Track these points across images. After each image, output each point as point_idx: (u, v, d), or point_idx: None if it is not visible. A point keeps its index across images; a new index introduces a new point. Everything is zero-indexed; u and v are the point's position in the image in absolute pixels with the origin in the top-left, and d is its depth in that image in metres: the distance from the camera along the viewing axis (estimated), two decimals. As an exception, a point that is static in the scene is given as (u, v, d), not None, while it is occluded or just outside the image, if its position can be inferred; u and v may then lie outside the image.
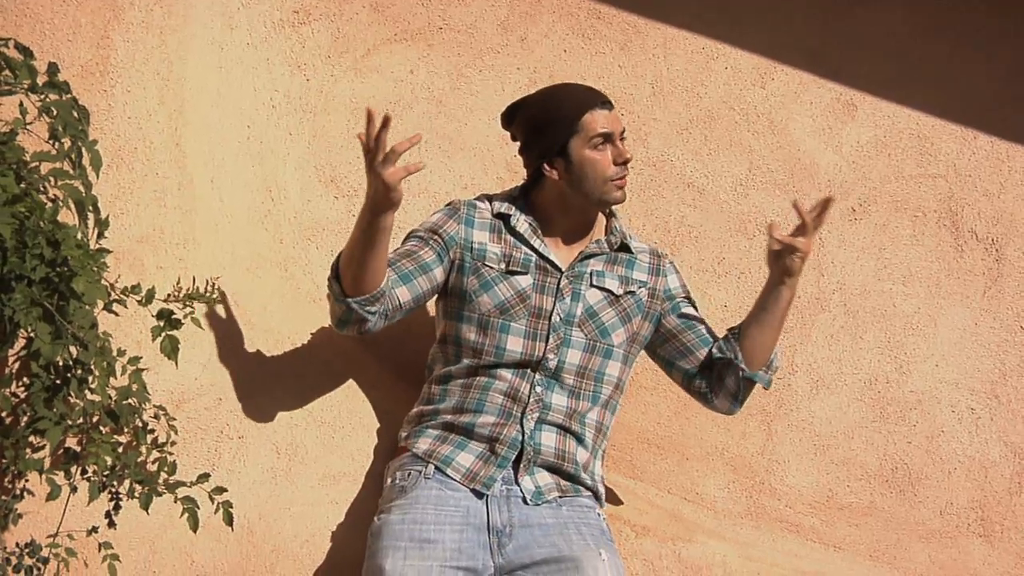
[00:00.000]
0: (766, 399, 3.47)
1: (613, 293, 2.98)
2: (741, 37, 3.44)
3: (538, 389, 2.90)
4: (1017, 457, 3.51)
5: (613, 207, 3.02)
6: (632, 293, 3.00)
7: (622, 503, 3.29)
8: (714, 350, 3.01)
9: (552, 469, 2.91)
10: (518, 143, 3.00)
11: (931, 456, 3.50)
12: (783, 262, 2.86)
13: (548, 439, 2.90)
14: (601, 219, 3.05)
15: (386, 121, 2.54)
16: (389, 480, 2.94)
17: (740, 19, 3.44)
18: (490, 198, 3.01)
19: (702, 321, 3.06)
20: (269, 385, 3.07)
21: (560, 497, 2.90)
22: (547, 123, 2.89)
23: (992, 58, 3.50)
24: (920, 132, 3.49)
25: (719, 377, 3.01)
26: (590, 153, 2.87)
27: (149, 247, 2.94)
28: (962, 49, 3.50)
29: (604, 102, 2.89)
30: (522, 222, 2.96)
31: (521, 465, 2.88)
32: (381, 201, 2.63)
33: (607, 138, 2.87)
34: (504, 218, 2.97)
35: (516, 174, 3.38)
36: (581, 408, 2.94)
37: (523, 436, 2.88)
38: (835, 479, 3.49)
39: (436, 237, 2.93)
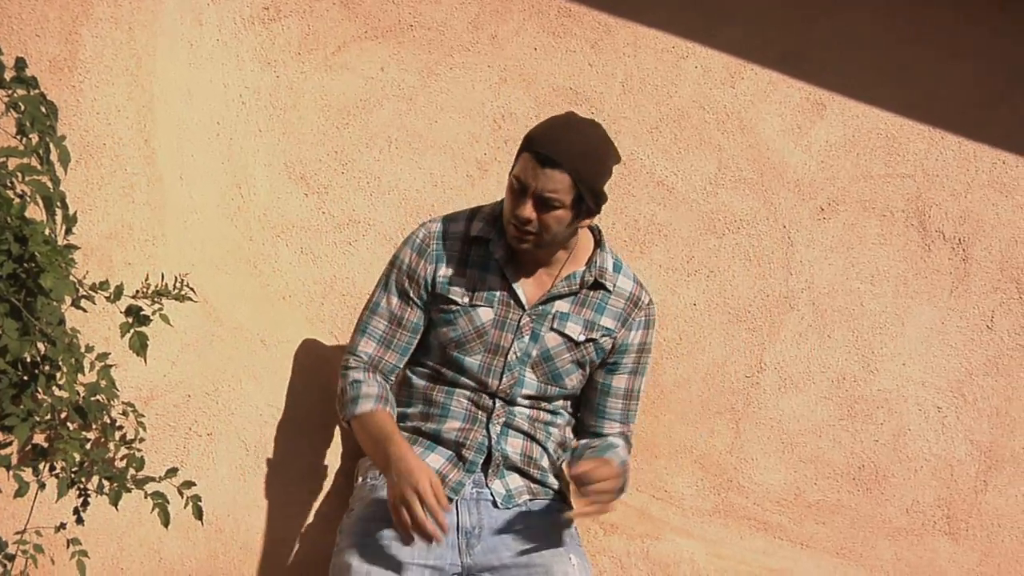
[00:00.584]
0: (734, 397, 3.49)
1: (573, 340, 2.90)
2: (711, 36, 3.45)
3: (501, 400, 2.89)
4: (982, 455, 3.54)
5: (601, 236, 2.96)
6: (594, 341, 2.92)
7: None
8: (582, 439, 3.01)
9: (521, 472, 2.91)
10: None
11: (898, 454, 3.52)
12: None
13: (515, 444, 2.90)
14: (586, 246, 2.94)
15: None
16: (360, 479, 2.94)
17: (710, 18, 3.45)
18: (473, 215, 2.92)
19: (625, 396, 2.99)
20: (238, 382, 3.07)
21: (531, 500, 2.90)
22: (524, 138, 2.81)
23: (961, 60, 3.52)
24: (888, 132, 3.51)
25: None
26: (507, 188, 2.77)
27: (117, 243, 2.93)
28: (931, 50, 3.52)
29: (542, 156, 2.68)
30: (500, 248, 2.86)
31: (490, 469, 2.88)
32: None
33: (521, 188, 2.71)
34: (483, 243, 2.90)
35: (486, 172, 3.38)
36: (542, 418, 2.94)
37: (490, 441, 2.87)
38: (803, 477, 3.51)
39: (414, 286, 2.88)
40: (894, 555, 3.52)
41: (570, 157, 2.68)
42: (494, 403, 2.88)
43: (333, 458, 3.13)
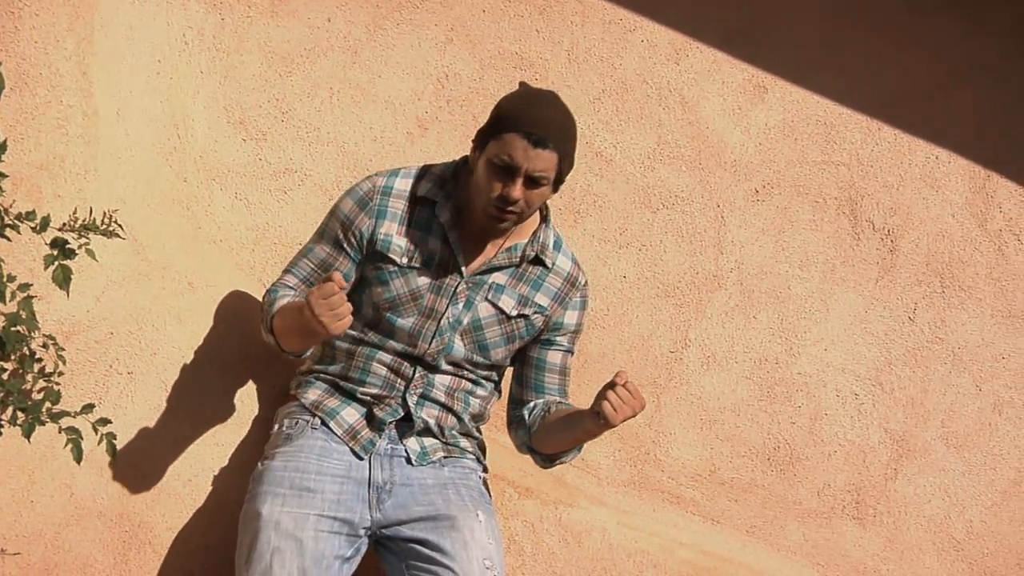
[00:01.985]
0: (657, 372, 3.52)
1: (505, 313, 2.90)
2: (659, 12, 3.46)
3: (423, 368, 2.89)
4: (895, 443, 3.60)
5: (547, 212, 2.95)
6: (526, 317, 2.92)
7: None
8: (531, 407, 2.98)
9: (434, 436, 2.92)
10: None
11: (813, 438, 3.57)
12: (602, 405, 2.67)
13: (430, 414, 2.90)
14: (532, 220, 2.92)
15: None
16: (276, 426, 2.94)
17: (660, -7, 3.47)
18: (422, 174, 2.89)
19: (561, 372, 3.00)
20: (162, 323, 3.05)
21: (445, 458, 2.92)
22: (496, 111, 2.78)
23: (903, 52, 3.56)
24: (827, 120, 3.55)
25: (517, 425, 3.02)
26: (484, 166, 2.73)
27: (48, 174, 2.90)
28: (875, 41, 3.55)
29: (536, 137, 2.67)
30: (446, 211, 2.85)
31: (405, 430, 2.89)
32: (321, 336, 2.62)
33: (508, 168, 2.69)
34: (429, 204, 2.87)
35: (427, 130, 3.38)
36: (463, 387, 2.94)
37: (405, 409, 2.87)
38: (719, 454, 3.55)
39: (348, 237, 2.85)
40: (802, 536, 3.58)
41: (559, 137, 2.71)
42: (414, 372, 2.87)
43: (252, 405, 3.13)
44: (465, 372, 2.92)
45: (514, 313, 2.91)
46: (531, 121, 2.69)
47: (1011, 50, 3.59)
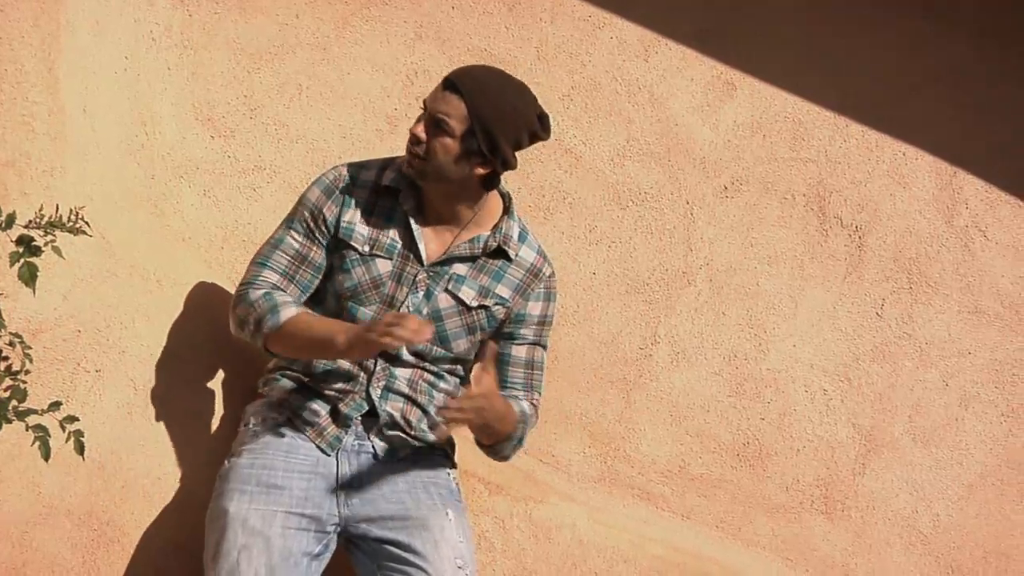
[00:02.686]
0: (627, 368, 3.52)
1: (465, 304, 2.88)
2: (628, 8, 3.47)
3: (383, 359, 2.87)
4: (863, 439, 3.62)
5: (510, 199, 2.95)
6: (486, 308, 2.90)
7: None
8: None
9: (401, 430, 2.91)
10: None
11: (782, 433, 3.58)
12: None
13: (395, 407, 2.88)
14: (494, 211, 2.92)
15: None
16: (243, 424, 2.93)
17: (629, -10, 3.48)
18: (387, 164, 2.90)
19: (527, 366, 2.98)
20: (131, 320, 3.04)
21: (412, 454, 2.91)
22: None
23: (871, 50, 3.58)
24: (795, 116, 3.56)
25: None
26: None
27: (14, 172, 2.89)
28: (843, 39, 3.57)
29: (448, 80, 2.74)
30: (410, 200, 2.85)
31: (372, 426, 2.88)
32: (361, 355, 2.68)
33: (425, 109, 2.77)
34: (392, 193, 2.88)
35: (396, 127, 3.38)
36: (426, 378, 2.92)
37: (371, 402, 2.86)
38: (689, 450, 3.56)
39: (319, 225, 2.85)
40: (771, 531, 3.59)
41: (471, 88, 2.72)
42: (375, 364, 2.86)
43: (220, 402, 3.12)
44: (427, 365, 2.91)
45: (474, 304, 2.89)
46: (456, 71, 2.77)
47: (979, 49, 3.61)
